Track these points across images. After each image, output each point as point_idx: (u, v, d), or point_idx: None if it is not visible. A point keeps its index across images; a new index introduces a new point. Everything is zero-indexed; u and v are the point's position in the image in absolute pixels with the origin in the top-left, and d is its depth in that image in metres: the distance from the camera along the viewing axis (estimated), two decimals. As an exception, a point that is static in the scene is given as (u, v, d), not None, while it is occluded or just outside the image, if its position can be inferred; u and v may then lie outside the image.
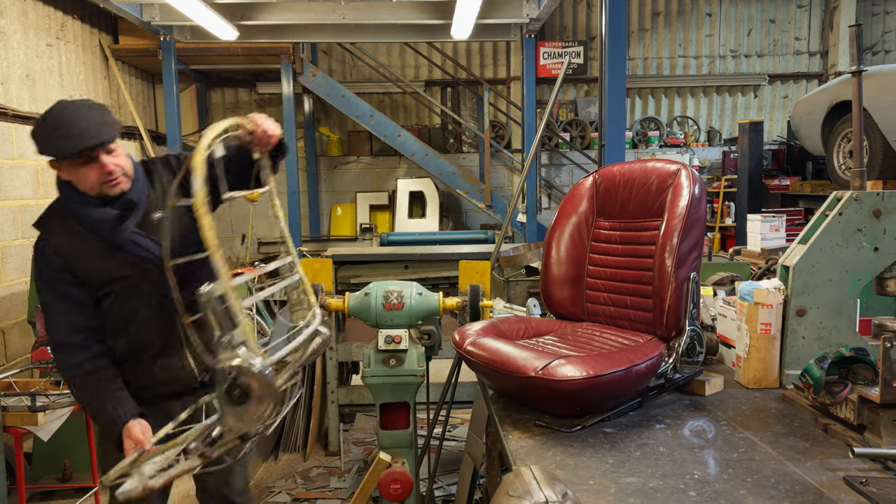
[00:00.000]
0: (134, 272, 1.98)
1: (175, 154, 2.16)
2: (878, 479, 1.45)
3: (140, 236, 1.97)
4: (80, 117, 1.85)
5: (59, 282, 1.95)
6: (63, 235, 1.96)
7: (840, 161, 5.71)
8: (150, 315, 2.02)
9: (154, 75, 8.13)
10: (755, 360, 2.06)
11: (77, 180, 1.90)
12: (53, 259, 1.95)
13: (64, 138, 1.82)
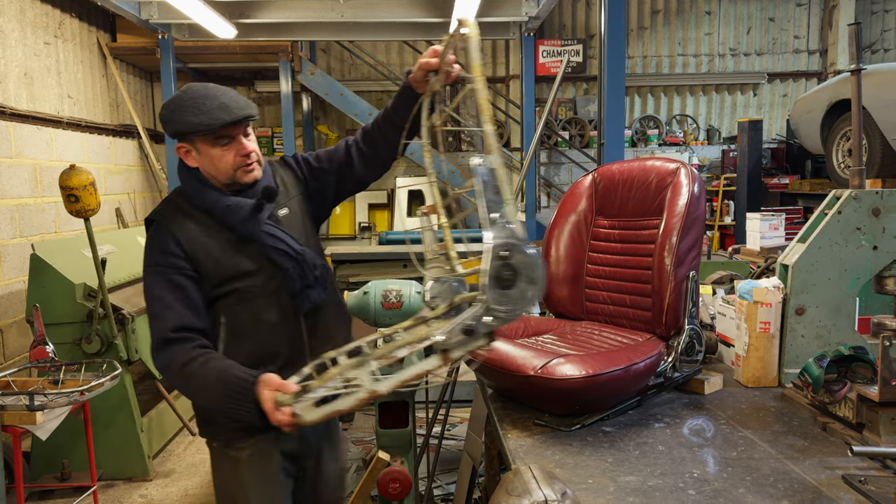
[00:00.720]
0: (264, 268, 1.77)
1: (292, 155, 2.00)
2: (876, 478, 1.45)
3: (275, 228, 1.79)
4: (220, 93, 1.72)
5: (173, 271, 1.72)
6: (186, 223, 1.76)
7: (839, 159, 5.71)
8: (277, 321, 1.79)
9: (152, 73, 8.11)
10: (754, 358, 2.06)
11: (209, 164, 1.74)
12: (171, 245, 1.74)
13: (210, 112, 1.67)
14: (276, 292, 1.78)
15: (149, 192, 7.70)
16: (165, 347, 1.71)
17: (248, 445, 1.79)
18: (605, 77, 4.75)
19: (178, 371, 1.69)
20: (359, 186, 2.01)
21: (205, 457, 4.29)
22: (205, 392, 1.69)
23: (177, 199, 1.82)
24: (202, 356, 1.68)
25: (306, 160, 1.96)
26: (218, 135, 1.70)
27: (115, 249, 4.47)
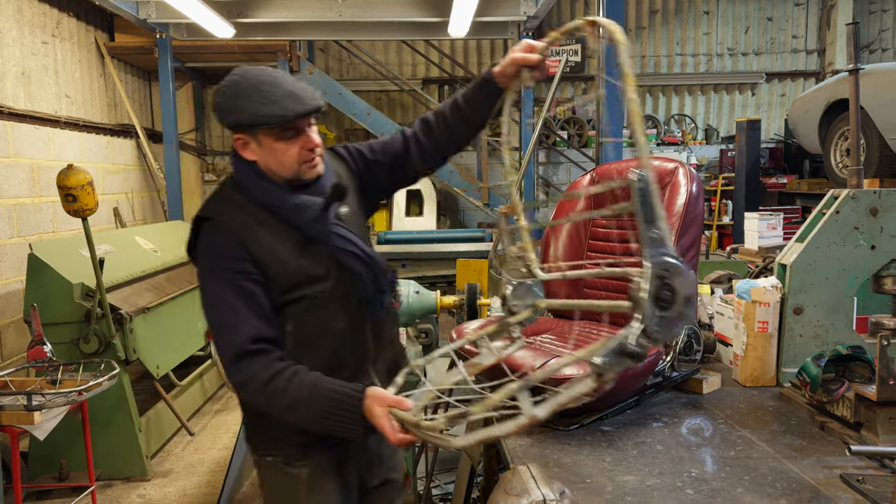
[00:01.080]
0: (332, 272, 1.62)
1: (342, 146, 1.83)
2: (874, 477, 1.45)
3: (344, 229, 1.63)
4: (284, 79, 1.55)
5: (240, 276, 1.55)
6: (247, 222, 1.58)
7: (837, 159, 5.72)
8: (346, 329, 1.65)
9: (150, 73, 8.10)
10: (752, 358, 2.06)
11: (271, 158, 1.57)
12: (235, 248, 1.55)
13: (279, 101, 1.49)
14: (345, 298, 1.64)
15: (147, 191, 7.69)
16: (244, 361, 1.54)
17: (307, 463, 1.66)
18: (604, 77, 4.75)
19: (262, 387, 1.52)
20: (411, 180, 1.88)
21: (203, 456, 4.29)
22: (298, 409, 1.51)
23: (232, 195, 1.62)
24: (287, 370, 1.53)
25: (360, 151, 1.81)
26: (285, 127, 1.53)
27: (113, 249, 4.47)
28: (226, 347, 1.56)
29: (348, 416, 1.47)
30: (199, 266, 1.60)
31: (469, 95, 1.74)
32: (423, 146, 1.79)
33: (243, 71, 1.57)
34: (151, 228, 5.65)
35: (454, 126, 1.77)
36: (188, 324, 4.89)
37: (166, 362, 4.37)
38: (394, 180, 1.84)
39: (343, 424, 1.48)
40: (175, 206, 6.78)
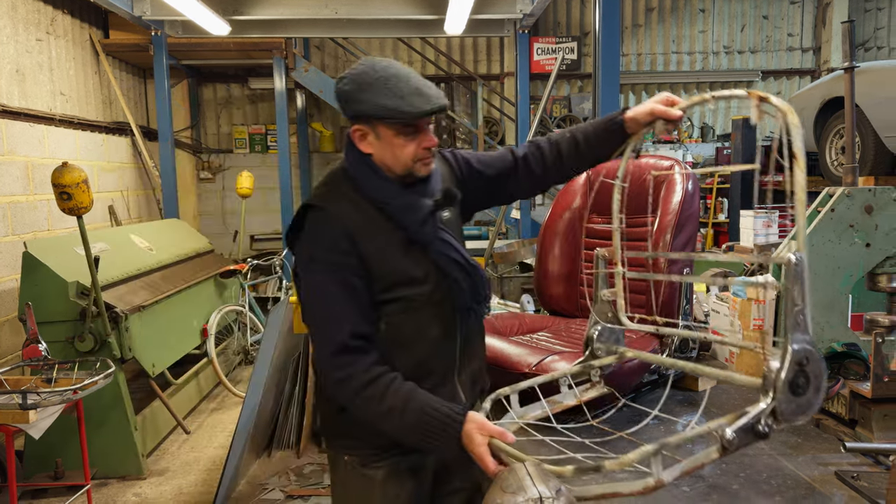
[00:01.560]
0: (430, 276, 1.59)
1: (449, 150, 1.80)
2: (869, 474, 1.46)
3: (448, 234, 1.62)
4: (411, 75, 1.53)
5: (345, 269, 1.52)
6: (355, 215, 1.55)
7: (832, 157, 5.73)
8: (438, 336, 1.62)
9: (145, 70, 8.07)
10: (748, 355, 2.07)
11: (388, 153, 1.55)
12: (342, 240, 1.52)
13: (407, 97, 1.48)
14: (441, 304, 1.61)
15: (142, 189, 7.67)
16: (344, 357, 1.51)
17: (384, 465, 1.64)
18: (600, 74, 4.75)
19: (360, 389, 1.50)
20: (507, 200, 1.89)
21: (199, 455, 4.28)
22: (391, 418, 1.49)
23: (342, 185, 1.60)
24: (385, 376, 1.51)
25: (467, 160, 1.78)
26: (407, 123, 1.51)
27: (108, 247, 4.45)
28: (325, 341, 1.54)
29: (444, 436, 1.46)
30: (303, 255, 1.57)
31: (591, 133, 1.73)
32: (531, 171, 1.78)
33: (371, 61, 1.55)
34: (147, 226, 5.63)
35: (567, 159, 1.76)
36: (184, 322, 4.88)
37: (162, 361, 4.37)
38: (492, 196, 1.83)
39: (437, 443, 1.47)
40: (170, 204, 6.77)
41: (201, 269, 5.49)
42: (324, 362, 1.55)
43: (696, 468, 1.17)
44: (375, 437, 1.61)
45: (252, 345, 5.75)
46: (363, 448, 1.65)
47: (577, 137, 1.74)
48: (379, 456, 1.64)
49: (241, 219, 6.78)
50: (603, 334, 1.66)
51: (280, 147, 7.32)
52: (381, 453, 1.64)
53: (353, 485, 1.67)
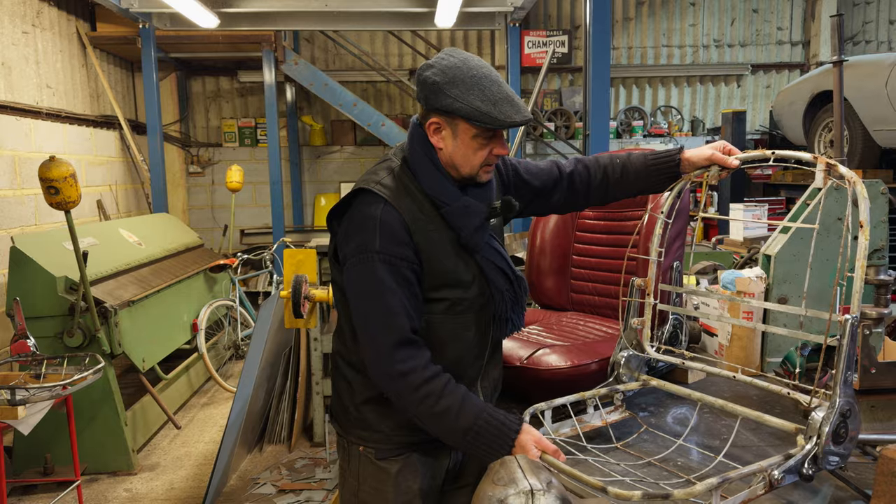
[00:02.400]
0: (476, 281, 1.60)
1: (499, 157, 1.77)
2: (856, 464, 1.47)
3: (496, 241, 1.64)
4: (502, 81, 1.51)
5: (404, 263, 1.51)
6: (414, 210, 1.54)
7: (821, 150, 5.77)
8: (475, 341, 1.63)
9: (133, 63, 8.00)
10: (737, 347, 2.08)
11: (459, 154, 1.53)
12: (403, 233, 1.51)
13: (499, 103, 1.46)
14: (482, 310, 1.62)
15: (130, 183, 7.61)
16: (405, 350, 1.50)
17: (399, 459, 1.66)
18: (591, 68, 4.75)
19: (420, 384, 1.49)
20: (544, 212, 1.91)
21: (190, 450, 4.28)
22: (445, 419, 1.48)
23: (403, 176, 1.57)
24: (442, 375, 1.52)
25: (514, 167, 1.78)
26: (491, 129, 1.50)
27: (96, 242, 4.42)
28: (385, 332, 1.50)
29: (496, 443, 1.46)
30: (357, 243, 1.53)
31: (641, 165, 1.76)
32: (575, 189, 1.79)
33: (463, 57, 1.51)
34: (136, 221, 5.59)
35: (614, 185, 1.79)
36: (174, 317, 4.85)
37: (152, 356, 4.35)
38: (532, 206, 1.83)
39: (486, 449, 1.47)
40: (159, 198, 6.72)
41: (191, 264, 5.47)
42: (384, 355, 1.50)
43: (744, 503, 1.26)
44: (396, 434, 1.63)
45: (243, 339, 5.73)
46: (382, 443, 1.65)
47: (627, 168, 1.76)
48: (396, 451, 1.65)
49: (231, 213, 6.74)
50: (630, 361, 1.74)
51: (270, 141, 7.28)
52: (399, 448, 1.65)
53: (366, 476, 1.67)
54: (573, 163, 1.81)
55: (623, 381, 1.74)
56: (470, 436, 1.46)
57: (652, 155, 1.76)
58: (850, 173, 1.40)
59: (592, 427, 1.68)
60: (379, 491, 1.65)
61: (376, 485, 1.66)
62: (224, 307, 5.64)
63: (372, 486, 1.66)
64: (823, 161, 1.45)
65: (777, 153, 1.55)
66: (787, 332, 1.54)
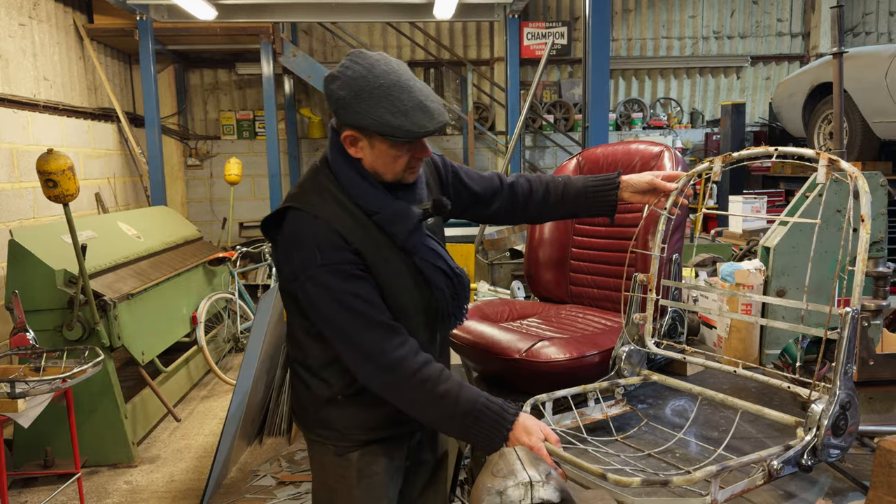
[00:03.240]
0: (417, 283, 1.60)
1: (439, 155, 1.79)
2: (853, 456, 1.48)
3: (433, 241, 1.63)
4: (413, 84, 1.45)
5: (349, 266, 1.49)
6: (345, 219, 1.52)
7: (820, 142, 5.76)
8: (424, 340, 1.62)
9: (131, 56, 7.97)
10: (736, 340, 2.09)
11: (379, 162, 1.51)
12: (339, 241, 1.50)
13: (409, 113, 1.42)
14: (426, 310, 1.63)
15: (129, 176, 7.60)
16: (398, 337, 1.50)
17: (359, 450, 1.68)
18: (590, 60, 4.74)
19: (417, 369, 1.49)
20: (479, 220, 1.92)
21: (190, 442, 4.29)
22: (444, 404, 1.48)
23: (330, 186, 1.55)
24: (434, 363, 1.52)
25: (455, 170, 1.79)
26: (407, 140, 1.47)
27: (95, 235, 4.42)
28: (364, 332, 1.49)
29: (494, 429, 1.45)
30: (296, 263, 1.51)
31: (581, 188, 1.81)
32: (515, 201, 1.84)
33: (369, 63, 1.44)
34: (134, 214, 5.58)
35: (553, 204, 1.84)
36: (173, 310, 4.86)
37: (152, 349, 4.35)
38: (469, 210, 1.85)
39: (482, 435, 1.46)
40: (158, 191, 6.71)
41: (190, 257, 5.46)
42: (370, 353, 1.50)
43: (742, 492, 1.27)
44: (353, 433, 1.66)
45: (242, 332, 5.74)
46: (340, 441, 1.67)
47: (567, 186, 1.82)
48: (354, 447, 1.67)
49: (230, 206, 6.74)
50: (631, 356, 1.76)
51: (268, 133, 7.27)
52: (357, 445, 1.67)
53: (330, 465, 1.71)
54: (516, 177, 1.86)
55: (624, 376, 1.75)
56: (470, 419, 1.46)
57: (592, 178, 1.83)
58: (853, 168, 1.41)
59: (593, 420, 1.68)
60: (343, 478, 1.68)
61: (340, 472, 1.68)
62: (223, 300, 5.64)
63: (336, 475, 1.69)
64: (826, 157, 1.45)
65: (780, 150, 1.55)
66: (788, 326, 1.54)
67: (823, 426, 1.31)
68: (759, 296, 2.04)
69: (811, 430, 1.32)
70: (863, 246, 1.34)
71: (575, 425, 1.64)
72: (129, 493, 3.66)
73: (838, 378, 1.32)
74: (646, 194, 1.77)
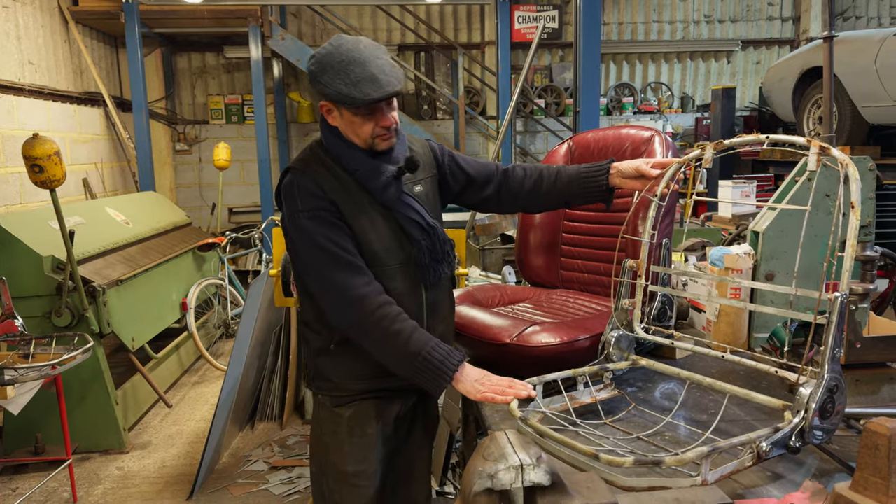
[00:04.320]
0: (396, 236, 1.76)
1: (439, 144, 1.97)
2: (840, 437, 1.50)
3: (412, 199, 1.78)
4: (370, 59, 1.63)
5: (324, 212, 1.69)
6: (328, 177, 1.73)
7: (810, 127, 5.78)
8: (403, 292, 1.77)
9: (117, 39, 7.86)
10: (725, 323, 2.10)
11: (348, 129, 1.71)
12: (315, 188, 1.70)
13: (358, 83, 1.61)
14: (406, 262, 1.77)
15: (116, 161, 7.53)
16: (363, 276, 1.68)
17: (352, 406, 1.83)
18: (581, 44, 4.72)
19: (376, 308, 1.65)
20: (472, 205, 2.04)
21: (181, 428, 4.29)
22: (396, 343, 1.63)
23: (319, 152, 1.78)
24: (394, 305, 1.67)
25: (451, 155, 1.96)
26: (360, 107, 1.64)
27: (83, 221, 4.38)
28: (332, 271, 1.67)
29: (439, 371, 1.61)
30: (285, 212, 1.75)
31: (575, 174, 1.88)
32: (508, 187, 1.94)
33: (339, 41, 1.66)
34: (123, 199, 5.54)
35: (546, 190, 1.91)
36: (163, 296, 4.84)
37: (142, 335, 4.34)
38: (463, 194, 1.98)
39: (428, 375, 1.62)
40: (146, 176, 6.65)
41: (179, 243, 5.43)
42: (336, 290, 1.67)
43: (732, 473, 1.29)
44: (345, 382, 1.82)
45: (233, 318, 5.73)
46: (334, 391, 1.84)
47: (561, 174, 1.91)
48: (348, 398, 1.83)
49: (219, 191, 6.69)
50: (620, 341, 1.78)
51: (257, 117, 7.21)
52: (350, 396, 1.83)
53: (325, 420, 1.87)
54: (512, 166, 1.99)
55: (613, 361, 1.76)
56: (418, 360, 1.61)
57: (585, 166, 1.90)
58: (843, 156, 1.41)
59: (582, 403, 1.69)
60: (335, 434, 1.83)
61: (333, 427, 1.84)
62: (213, 286, 5.62)
63: (330, 430, 1.85)
64: (817, 144, 1.46)
65: (772, 137, 1.56)
66: (777, 311, 1.55)
67: (811, 409, 1.32)
68: (749, 281, 2.05)
69: (799, 414, 1.34)
70: (852, 232, 1.35)
71: (564, 408, 1.65)
72: (120, 479, 3.66)
73: (826, 362, 1.33)
74: (635, 180, 1.82)
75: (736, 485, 1.33)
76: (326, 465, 1.86)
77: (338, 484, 1.83)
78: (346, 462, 1.82)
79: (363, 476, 1.83)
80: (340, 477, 1.83)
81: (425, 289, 1.81)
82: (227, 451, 3.94)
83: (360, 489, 1.83)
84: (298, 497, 3.42)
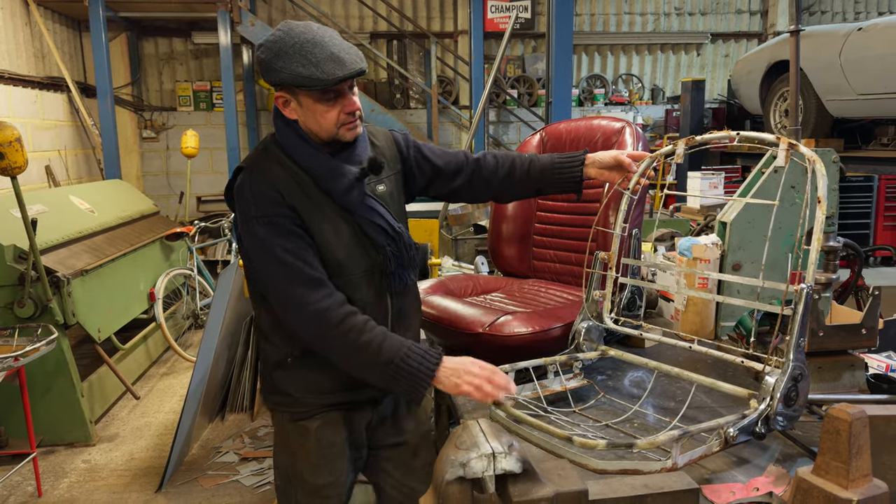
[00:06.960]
0: (360, 242, 1.64)
1: (402, 133, 1.85)
2: (803, 423, 1.54)
3: (376, 202, 1.65)
4: (328, 39, 1.51)
5: (281, 218, 1.55)
6: (285, 177, 1.58)
7: (776, 120, 5.89)
8: (368, 300, 1.65)
9: (80, 22, 7.65)
10: (692, 313, 2.14)
11: (311, 119, 1.57)
12: (271, 192, 1.55)
13: (320, 64, 1.47)
14: (371, 270, 1.66)
15: (81, 148, 7.35)
16: (322, 290, 1.54)
17: (318, 418, 1.71)
18: (554, 34, 4.73)
19: (339, 320, 1.52)
20: (443, 196, 1.94)
21: (150, 420, 4.23)
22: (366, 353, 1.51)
23: (274, 150, 1.63)
24: (360, 314, 1.55)
25: (417, 146, 1.84)
26: (325, 90, 1.52)
27: (46, 209, 4.27)
28: (290, 283, 1.54)
29: (417, 376, 1.49)
30: (239, 216, 1.61)
31: (548, 164, 1.83)
32: (480, 176, 1.85)
33: (289, 27, 1.54)
34: (87, 187, 5.41)
35: (519, 180, 1.85)
36: (130, 286, 4.75)
37: (108, 325, 4.25)
38: (430, 186, 1.87)
39: (405, 382, 1.49)
40: (111, 164, 6.51)
41: (147, 232, 5.33)
42: (295, 302, 1.54)
43: (700, 457, 1.32)
44: (304, 397, 1.70)
45: (202, 309, 5.65)
46: (293, 406, 1.72)
47: (534, 163, 1.84)
48: (308, 413, 1.71)
49: (188, 179, 6.58)
50: (590, 331, 1.79)
51: (226, 105, 7.09)
52: (311, 410, 1.71)
53: (290, 432, 1.75)
54: (481, 154, 1.89)
55: (583, 351, 1.78)
56: (391, 368, 1.49)
57: (559, 156, 1.85)
58: (811, 153, 1.45)
59: (552, 392, 1.71)
60: (302, 446, 1.72)
61: (299, 440, 1.72)
62: (182, 276, 5.53)
63: (296, 443, 1.73)
64: (786, 141, 1.49)
65: (742, 134, 1.59)
66: (743, 303, 1.59)
67: (776, 397, 1.36)
68: (716, 273, 2.09)
69: (764, 401, 1.37)
70: (818, 226, 1.38)
71: (535, 396, 1.66)
72: (87, 472, 3.60)
73: (791, 351, 1.37)
74: (612, 170, 1.79)
75: (703, 469, 1.36)
76: (294, 477, 1.75)
77: (308, 497, 1.74)
78: (316, 475, 1.72)
79: (334, 486, 1.74)
80: (311, 490, 1.73)
81: (391, 297, 1.71)
82: (197, 443, 3.90)
83: (331, 500, 1.75)
84: (269, 488, 3.40)
